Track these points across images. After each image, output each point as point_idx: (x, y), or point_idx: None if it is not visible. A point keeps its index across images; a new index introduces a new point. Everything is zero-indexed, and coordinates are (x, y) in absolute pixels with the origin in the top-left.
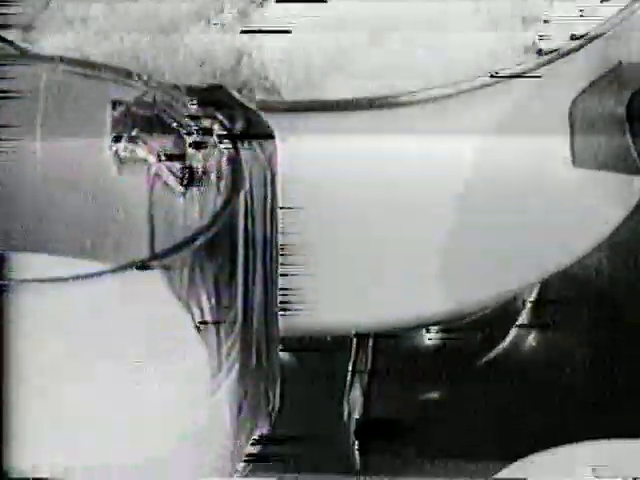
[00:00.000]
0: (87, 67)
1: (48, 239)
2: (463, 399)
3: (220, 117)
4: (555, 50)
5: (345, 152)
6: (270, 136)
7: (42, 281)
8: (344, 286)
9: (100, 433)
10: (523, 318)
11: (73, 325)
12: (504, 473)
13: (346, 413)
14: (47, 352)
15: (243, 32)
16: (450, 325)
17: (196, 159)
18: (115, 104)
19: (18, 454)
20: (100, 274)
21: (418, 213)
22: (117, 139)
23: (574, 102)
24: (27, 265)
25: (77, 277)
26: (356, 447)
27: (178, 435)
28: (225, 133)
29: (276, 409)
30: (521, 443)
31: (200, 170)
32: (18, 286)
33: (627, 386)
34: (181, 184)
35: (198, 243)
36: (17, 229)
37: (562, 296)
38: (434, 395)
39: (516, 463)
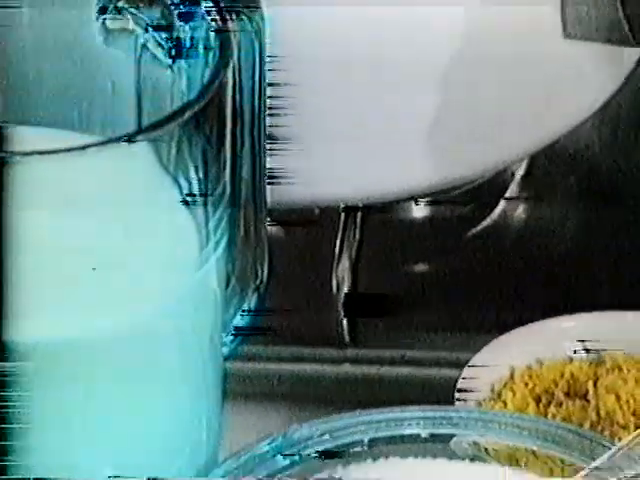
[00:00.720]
0: None
1: (37, 111)
2: (451, 271)
3: None
4: None
5: (333, 23)
6: (258, 7)
7: (36, 154)
8: (332, 159)
9: (87, 304)
10: (512, 191)
11: (66, 197)
12: (491, 346)
13: (334, 286)
14: (42, 224)
15: None
16: (439, 197)
17: (184, 31)
18: None
19: (18, 327)
20: (88, 147)
21: (404, 85)
22: (103, 10)
23: None
24: (19, 138)
25: (68, 150)
26: (344, 320)
27: (165, 307)
28: (213, 4)
29: (264, 282)
30: (509, 316)
31: (188, 42)
32: (13, 158)
33: (616, 259)
34: (169, 56)
35: (186, 116)
36: (6, 101)
37: (551, 169)
38: (422, 268)
39: (503, 336)
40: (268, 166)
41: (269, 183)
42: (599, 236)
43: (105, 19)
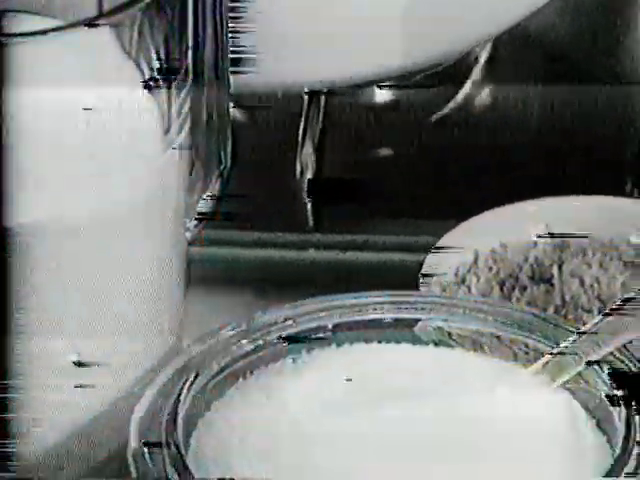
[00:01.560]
0: None
1: None
2: (415, 156)
3: None
4: None
5: None
6: None
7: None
8: (297, 42)
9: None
10: (476, 74)
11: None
12: (455, 230)
13: (298, 171)
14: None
15: None
16: (403, 81)
17: None
18: None
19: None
20: (49, 31)
21: None
22: None
23: None
24: None
25: (29, 34)
26: (308, 205)
27: (130, 192)
28: None
29: (228, 167)
30: (474, 200)
31: None
32: None
33: (581, 142)
34: None
35: (147, 0)
36: None
37: (515, 52)
38: (386, 152)
39: (467, 221)
40: (231, 49)
41: (232, 66)
42: (564, 119)
43: None
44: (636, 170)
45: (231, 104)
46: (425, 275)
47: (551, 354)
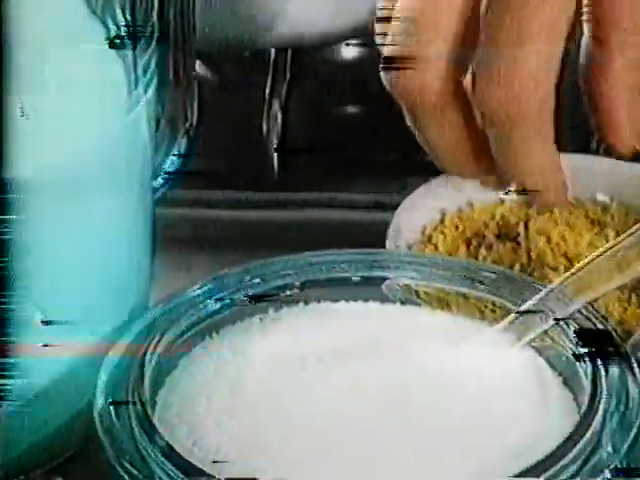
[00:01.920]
0: None
1: None
2: (382, 113)
3: None
4: None
5: None
6: None
7: None
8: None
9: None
10: None
11: None
12: (422, 189)
13: (265, 129)
14: None
15: None
16: (370, 39)
17: None
18: None
19: None
20: None
21: None
22: None
23: None
24: None
25: None
26: (275, 164)
27: (97, 151)
28: None
29: (194, 125)
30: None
31: None
32: None
33: None
34: None
35: None
36: None
37: None
38: (353, 110)
39: (434, 179)
40: (197, 6)
41: (199, 23)
42: None
43: None
44: None
45: (197, 62)
46: (392, 233)
47: (517, 312)
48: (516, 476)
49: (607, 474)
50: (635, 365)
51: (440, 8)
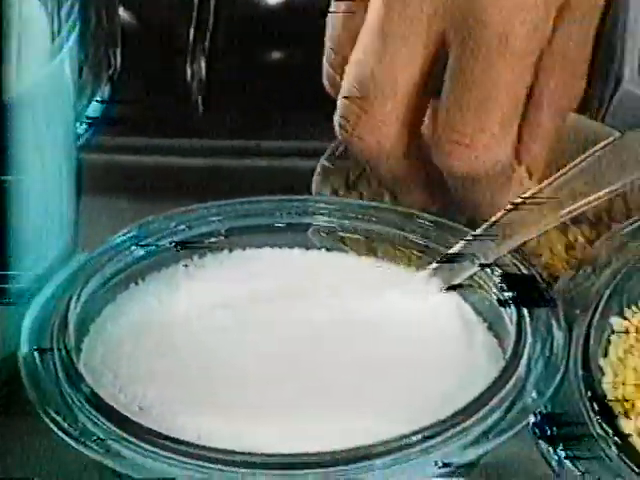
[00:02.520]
0: None
1: None
2: (308, 59)
3: None
4: None
5: None
6: None
7: None
8: None
9: None
10: None
11: None
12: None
13: (189, 75)
14: None
15: None
16: None
17: None
18: None
19: None
20: None
21: None
22: None
23: None
24: None
25: None
26: (200, 111)
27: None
28: None
29: (117, 71)
30: None
31: None
32: None
33: None
34: None
35: None
36: None
37: None
38: (278, 55)
39: None
40: None
41: None
42: None
43: None
44: None
45: (120, 7)
46: (318, 180)
47: (443, 257)
48: (442, 421)
49: (532, 419)
50: (560, 310)
51: (396, 66)
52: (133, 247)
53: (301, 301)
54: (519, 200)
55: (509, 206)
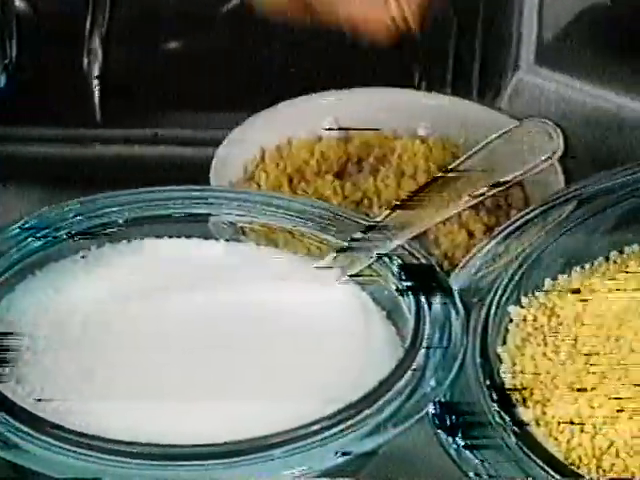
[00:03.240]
0: None
1: None
2: (204, 49)
3: None
4: None
5: None
6: None
7: None
8: None
9: None
10: None
11: None
12: (243, 126)
13: (86, 64)
14: None
15: None
16: None
17: None
18: None
19: None
20: None
21: None
22: None
23: None
24: None
25: None
26: (96, 99)
27: None
28: None
29: (13, 61)
30: (262, 94)
31: None
32: None
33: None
34: None
35: None
36: None
37: None
38: (175, 45)
39: (253, 116)
40: None
41: None
42: None
43: None
44: (424, 62)
45: None
46: (215, 170)
47: (342, 247)
48: (341, 411)
49: (431, 408)
50: (458, 299)
51: None
52: (30, 238)
53: (200, 291)
54: (417, 190)
55: (407, 196)
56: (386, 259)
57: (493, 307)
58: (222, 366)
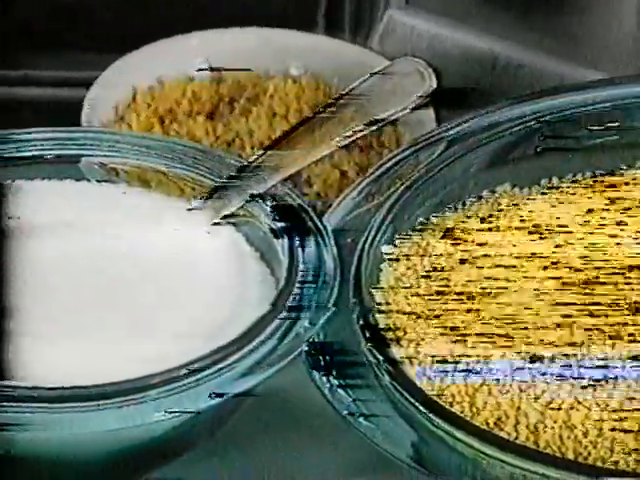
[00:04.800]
0: None
1: None
2: None
3: None
4: None
5: None
6: None
7: None
8: None
9: None
10: None
11: None
12: (114, 66)
13: None
14: None
15: None
16: None
17: None
18: None
19: None
20: None
21: None
22: None
23: None
24: None
25: None
26: None
27: None
28: None
29: None
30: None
31: None
32: None
33: None
34: None
35: None
36: None
37: None
38: None
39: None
40: None
41: None
42: None
43: None
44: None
45: None
46: (87, 112)
47: (215, 188)
48: (215, 351)
49: (305, 348)
50: (331, 239)
51: None
52: None
53: (72, 233)
54: (288, 130)
55: (279, 137)
56: (259, 200)
57: (366, 247)
58: (96, 307)
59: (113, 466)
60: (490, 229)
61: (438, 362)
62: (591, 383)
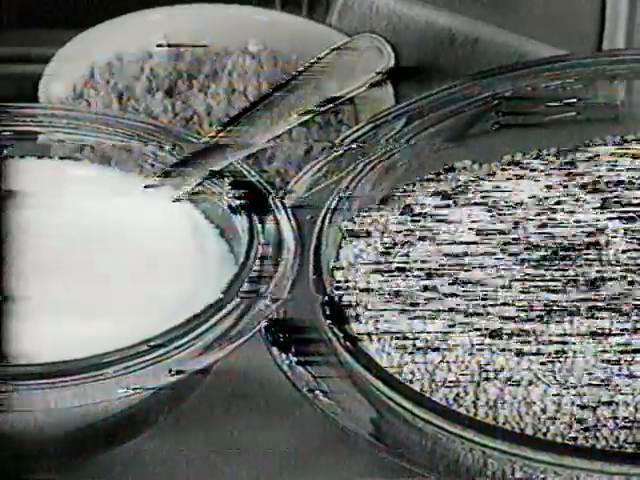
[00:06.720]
0: None
1: None
2: None
3: None
4: None
5: None
6: None
7: None
8: None
9: None
10: None
11: None
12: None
13: None
14: None
15: None
16: None
17: None
18: None
19: None
20: None
21: None
22: None
23: None
24: None
25: None
26: None
27: None
28: None
29: None
30: (94, 10)
31: None
32: None
33: None
34: None
35: None
36: None
37: None
38: None
39: (84, 32)
40: None
41: None
42: None
43: None
44: None
45: None
46: (44, 88)
47: (174, 165)
48: (174, 328)
49: (264, 325)
50: (292, 216)
51: None
52: None
53: (31, 210)
54: (248, 108)
55: (239, 114)
56: (218, 177)
57: (326, 223)
58: (56, 284)
59: (75, 443)
60: (449, 205)
61: (397, 339)
62: (550, 359)
